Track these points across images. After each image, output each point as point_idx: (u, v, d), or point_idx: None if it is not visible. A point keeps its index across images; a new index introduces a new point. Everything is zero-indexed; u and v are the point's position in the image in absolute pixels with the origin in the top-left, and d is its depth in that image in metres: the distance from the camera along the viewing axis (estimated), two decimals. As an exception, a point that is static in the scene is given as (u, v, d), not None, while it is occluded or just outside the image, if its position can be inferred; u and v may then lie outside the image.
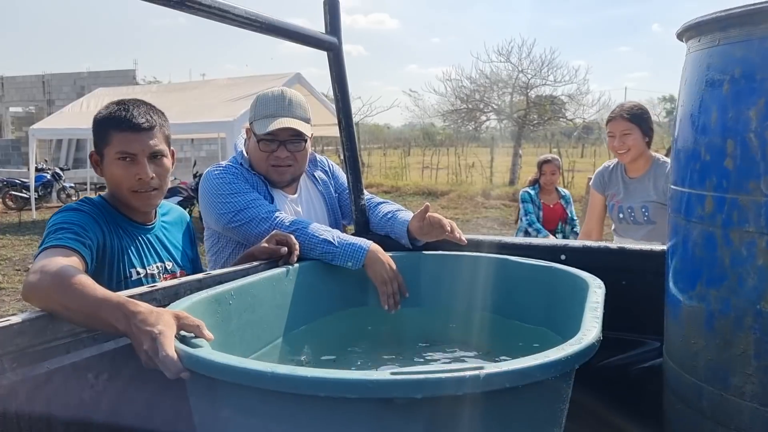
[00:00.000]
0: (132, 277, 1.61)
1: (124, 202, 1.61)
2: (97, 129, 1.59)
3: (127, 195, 1.57)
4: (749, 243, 0.99)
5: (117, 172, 1.55)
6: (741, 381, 1.03)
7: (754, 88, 0.99)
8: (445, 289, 1.83)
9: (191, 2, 1.39)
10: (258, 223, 1.81)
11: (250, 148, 2.00)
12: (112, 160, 1.55)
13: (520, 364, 0.90)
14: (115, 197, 1.62)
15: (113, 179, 1.57)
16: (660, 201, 2.81)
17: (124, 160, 1.55)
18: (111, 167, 1.56)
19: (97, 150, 1.60)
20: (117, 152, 1.54)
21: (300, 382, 0.86)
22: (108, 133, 1.55)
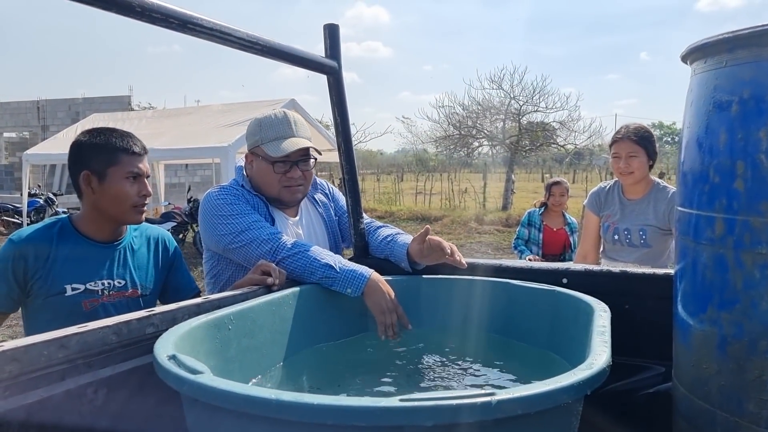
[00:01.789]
0: (66, 293, 1.73)
1: (118, 215, 1.76)
2: (99, 150, 1.73)
3: (127, 210, 1.75)
4: (762, 265, 0.98)
5: (125, 189, 1.73)
6: (756, 407, 1.00)
7: (763, 109, 0.98)
8: (447, 313, 1.81)
9: (193, 25, 1.39)
10: (259, 245, 1.78)
11: (255, 171, 1.98)
12: (120, 178, 1.73)
13: (533, 390, 0.88)
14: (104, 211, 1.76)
15: (119, 196, 1.73)
16: (659, 226, 2.79)
17: (132, 179, 1.74)
18: (117, 185, 1.73)
19: (94, 170, 1.73)
20: (127, 171, 1.73)
21: (306, 409, 0.83)
22: (116, 155, 1.73)
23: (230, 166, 9.81)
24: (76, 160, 1.75)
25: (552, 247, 4.74)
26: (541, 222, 4.76)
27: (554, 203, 4.73)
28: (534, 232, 4.76)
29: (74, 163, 1.75)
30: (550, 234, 4.74)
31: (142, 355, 1.28)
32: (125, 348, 1.28)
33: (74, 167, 1.75)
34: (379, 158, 45.33)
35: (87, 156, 1.74)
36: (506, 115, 20.93)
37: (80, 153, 1.75)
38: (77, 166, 1.75)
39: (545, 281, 1.71)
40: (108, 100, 19.61)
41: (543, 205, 4.83)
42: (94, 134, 1.76)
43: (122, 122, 12.22)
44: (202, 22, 1.41)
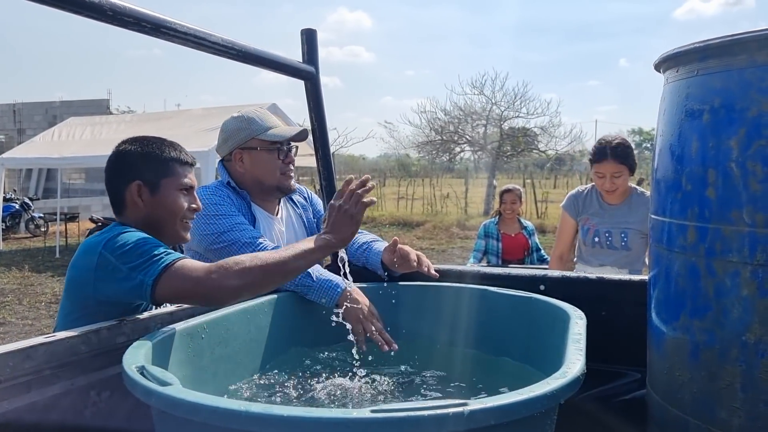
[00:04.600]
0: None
1: (169, 231, 1.63)
2: (152, 160, 1.61)
3: (177, 223, 1.64)
4: (733, 273, 0.98)
5: (179, 201, 1.63)
6: (728, 414, 1.00)
7: (734, 118, 0.99)
8: (425, 320, 1.80)
9: (166, 29, 1.37)
10: (240, 248, 1.79)
11: (251, 164, 1.99)
12: (173, 190, 1.62)
13: (505, 399, 0.87)
14: (153, 225, 1.61)
15: (172, 208, 1.62)
16: (640, 229, 2.82)
17: (185, 191, 1.65)
18: (170, 197, 1.62)
19: (147, 181, 1.59)
20: (181, 183, 1.63)
21: (276, 421, 0.82)
22: (171, 166, 1.63)
23: (211, 170, 9.74)
24: (122, 169, 1.60)
25: (513, 252, 4.81)
26: (498, 231, 4.82)
27: (506, 210, 4.83)
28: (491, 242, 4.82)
29: (120, 172, 1.61)
30: (509, 240, 4.81)
31: (114, 365, 1.26)
32: (95, 358, 1.26)
33: (120, 177, 1.60)
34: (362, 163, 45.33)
35: (137, 166, 1.59)
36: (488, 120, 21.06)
37: (129, 162, 1.60)
38: (124, 176, 1.59)
39: (523, 288, 1.71)
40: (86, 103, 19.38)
41: (498, 214, 4.91)
42: (143, 143, 1.63)
43: (100, 126, 12.09)
44: (176, 26, 1.39)
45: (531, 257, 4.82)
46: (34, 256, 11.03)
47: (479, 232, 4.92)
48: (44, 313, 6.84)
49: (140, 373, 1.01)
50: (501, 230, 4.82)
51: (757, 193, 0.95)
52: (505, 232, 4.81)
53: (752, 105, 0.96)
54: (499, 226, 4.84)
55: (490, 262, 4.75)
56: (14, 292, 7.90)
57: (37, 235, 13.36)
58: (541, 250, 4.87)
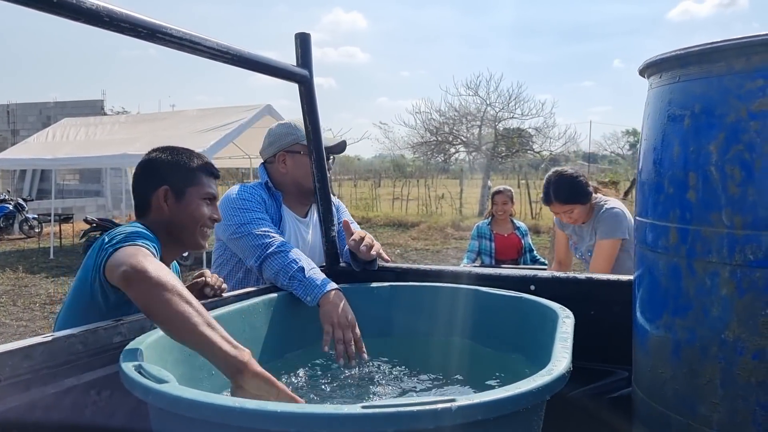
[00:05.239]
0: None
1: (188, 237, 1.69)
2: (180, 168, 1.69)
3: (197, 231, 1.69)
4: (713, 273, 1.02)
5: (201, 210, 1.68)
6: (708, 410, 1.04)
7: (713, 123, 1.02)
8: (417, 320, 1.83)
9: (162, 34, 1.39)
10: (251, 239, 1.95)
11: (293, 166, 2.18)
12: (197, 199, 1.68)
13: (492, 396, 0.90)
14: (174, 230, 1.66)
15: (194, 215, 1.67)
16: None
17: (208, 200, 1.71)
18: (193, 205, 1.68)
19: (174, 187, 1.67)
20: (206, 193, 1.70)
21: (269, 417, 0.84)
22: (198, 176, 1.70)
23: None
24: (151, 174, 1.69)
25: (506, 252, 4.84)
26: (491, 231, 4.86)
27: (498, 211, 4.88)
28: (485, 242, 4.85)
29: (149, 177, 1.69)
30: (502, 240, 4.85)
31: (110, 364, 1.28)
32: (93, 357, 1.28)
33: (149, 182, 1.68)
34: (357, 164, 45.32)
35: (166, 172, 1.68)
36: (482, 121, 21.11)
37: (158, 168, 1.69)
38: (153, 181, 1.67)
39: (514, 288, 1.73)
40: (80, 104, 19.32)
41: (491, 215, 4.95)
42: (174, 152, 1.72)
43: (94, 127, 12.07)
44: (171, 31, 1.41)
45: (524, 257, 4.85)
46: (28, 257, 11.01)
47: (472, 233, 4.95)
48: (38, 314, 6.84)
49: (138, 371, 1.03)
50: (494, 231, 4.85)
51: (735, 196, 0.99)
52: (498, 233, 4.84)
53: (731, 111, 0.99)
54: (491, 226, 4.87)
55: (484, 263, 4.78)
56: (8, 294, 7.89)
57: (31, 236, 13.34)
58: (534, 251, 4.91)
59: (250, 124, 10.44)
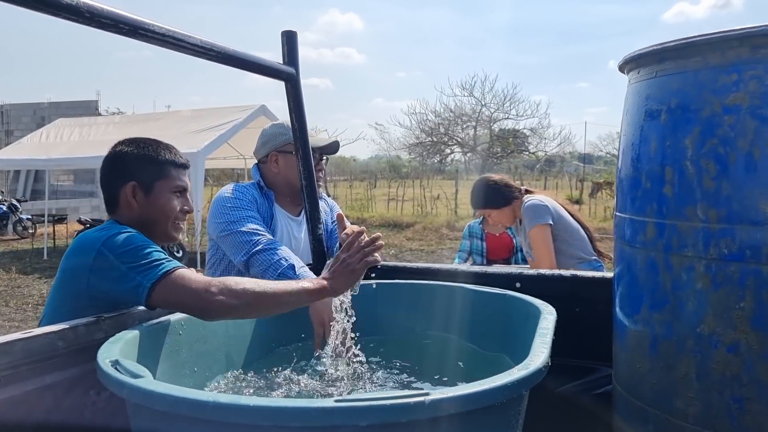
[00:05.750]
0: None
1: (160, 231, 1.66)
2: (148, 162, 1.65)
3: (169, 225, 1.66)
4: (688, 267, 1.02)
5: (171, 203, 1.65)
6: (684, 404, 1.04)
7: (689, 118, 1.03)
8: (402, 317, 1.83)
9: (144, 31, 1.39)
10: (239, 236, 1.96)
11: (284, 166, 2.19)
12: (167, 192, 1.65)
13: (466, 389, 0.91)
14: (145, 225, 1.62)
15: (164, 209, 1.65)
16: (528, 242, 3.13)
17: (178, 193, 1.68)
18: (163, 199, 1.64)
19: (141, 182, 1.63)
20: (175, 186, 1.67)
21: (242, 411, 0.84)
22: (166, 168, 1.66)
23: (199, 172, 9.73)
24: (118, 170, 1.64)
25: (498, 252, 4.84)
26: (482, 231, 4.85)
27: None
28: (476, 242, 4.85)
29: (116, 173, 1.64)
30: (494, 240, 4.84)
31: (92, 361, 1.27)
32: (73, 354, 1.27)
33: (115, 177, 1.63)
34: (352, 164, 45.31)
35: (133, 167, 1.63)
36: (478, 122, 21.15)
37: (125, 163, 1.63)
38: (120, 177, 1.63)
39: (500, 286, 1.74)
40: (75, 104, 19.26)
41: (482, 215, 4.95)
42: (140, 145, 1.66)
43: (89, 127, 12.04)
44: (154, 27, 1.40)
45: (516, 257, 4.85)
46: (21, 257, 10.97)
47: (464, 233, 4.94)
48: (31, 315, 6.82)
49: (114, 366, 1.03)
50: (485, 230, 4.85)
51: (710, 190, 0.99)
52: (490, 232, 4.84)
53: (705, 105, 1.00)
54: (483, 226, 4.87)
55: (476, 262, 4.78)
56: (1, 295, 7.86)
57: (24, 236, 13.29)
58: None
59: (245, 125, 10.43)
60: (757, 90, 0.94)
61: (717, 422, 1.00)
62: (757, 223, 0.94)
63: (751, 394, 0.96)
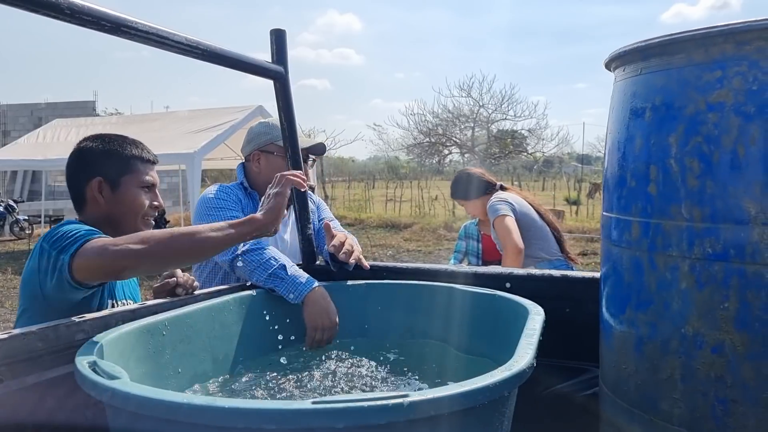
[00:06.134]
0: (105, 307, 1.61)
1: (129, 227, 1.62)
2: (113, 157, 1.62)
3: (138, 221, 1.64)
4: (673, 267, 1.01)
5: (140, 198, 1.63)
6: (669, 405, 1.03)
7: (673, 115, 1.01)
8: (392, 317, 1.82)
9: (127, 28, 1.37)
10: None
11: (266, 166, 2.16)
12: (134, 188, 1.62)
13: (446, 391, 0.89)
14: (113, 222, 1.61)
15: (133, 205, 1.62)
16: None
17: (146, 188, 1.64)
18: (131, 194, 1.62)
19: (107, 178, 1.60)
20: (142, 181, 1.64)
21: (217, 412, 0.83)
22: (132, 163, 1.63)
23: (196, 172, 9.72)
24: (83, 166, 1.62)
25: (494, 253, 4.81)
26: (478, 232, 4.84)
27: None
28: (472, 243, 4.83)
29: (81, 169, 1.62)
30: (489, 241, 4.81)
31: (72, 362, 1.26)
32: (53, 355, 1.26)
33: (81, 174, 1.61)
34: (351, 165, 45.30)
35: (98, 162, 1.61)
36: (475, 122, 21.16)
37: (90, 159, 1.62)
38: (85, 173, 1.61)
39: (490, 286, 1.72)
40: (72, 105, 19.22)
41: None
42: (105, 140, 1.64)
43: (86, 128, 12.00)
44: (137, 25, 1.39)
45: None
46: (17, 258, 10.94)
47: (459, 233, 4.92)
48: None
49: (91, 368, 1.01)
50: (481, 231, 4.83)
51: (694, 189, 0.98)
52: (486, 233, 4.82)
53: (690, 103, 0.99)
54: (479, 227, 4.85)
55: (471, 263, 4.76)
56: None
57: (21, 237, 13.26)
58: None
59: (242, 125, 10.42)
60: (742, 87, 0.93)
61: (701, 423, 0.99)
62: (741, 221, 0.93)
63: (736, 395, 0.95)
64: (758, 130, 0.92)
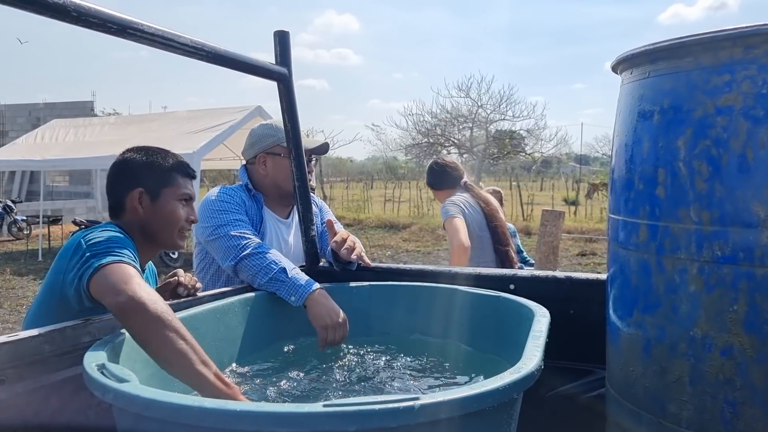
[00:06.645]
0: None
1: (164, 238, 1.65)
2: (155, 169, 1.65)
3: (174, 233, 1.65)
4: (681, 270, 1.01)
5: (177, 212, 1.65)
6: (677, 408, 1.03)
7: (681, 118, 1.02)
8: (396, 319, 1.82)
9: (133, 30, 1.37)
10: (227, 240, 1.92)
11: (273, 168, 2.15)
12: (173, 200, 1.65)
13: (457, 394, 0.89)
14: (149, 232, 1.62)
15: (171, 217, 1.64)
16: None
17: (184, 201, 1.67)
18: (170, 206, 1.64)
19: (148, 188, 1.63)
20: (182, 194, 1.66)
21: (228, 416, 0.83)
22: (173, 176, 1.66)
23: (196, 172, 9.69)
24: (126, 176, 1.65)
25: None
26: None
27: None
28: None
29: (124, 179, 1.65)
30: None
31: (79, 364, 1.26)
32: (60, 357, 1.26)
33: (123, 183, 1.64)
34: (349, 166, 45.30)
35: (141, 173, 1.64)
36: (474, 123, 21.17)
37: (132, 169, 1.65)
38: (127, 183, 1.64)
39: (493, 287, 1.73)
40: (70, 105, 19.18)
41: None
42: (148, 152, 1.69)
43: (84, 128, 12.00)
44: (143, 27, 1.39)
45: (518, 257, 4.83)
46: (16, 259, 10.93)
47: None
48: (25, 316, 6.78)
49: (100, 371, 1.01)
50: None
51: (702, 192, 0.98)
52: None
53: (698, 106, 0.99)
54: None
55: None
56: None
57: (19, 238, 13.24)
58: (523, 252, 4.89)
59: (241, 126, 10.40)
60: (750, 90, 0.93)
61: (710, 426, 0.99)
62: (749, 224, 0.93)
63: (745, 398, 0.95)
64: (767, 133, 0.92)
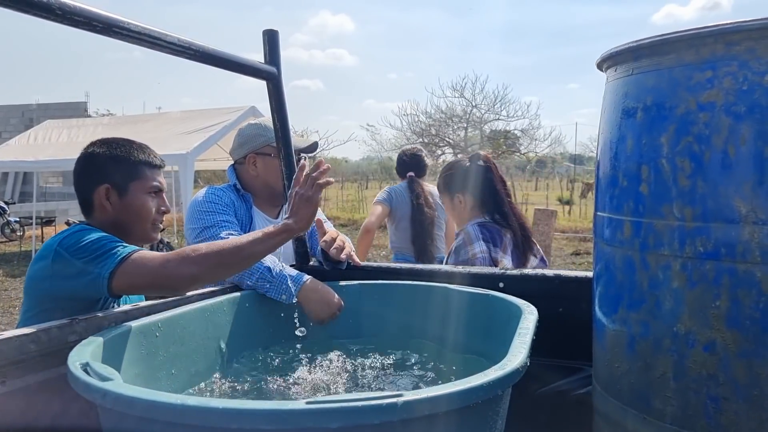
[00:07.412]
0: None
1: (138, 233, 1.63)
2: (120, 163, 1.61)
3: (147, 227, 1.64)
4: (665, 266, 1.01)
5: (147, 204, 1.62)
6: (662, 403, 1.03)
7: (664, 115, 1.02)
8: (386, 318, 1.82)
9: (119, 29, 1.37)
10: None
11: (263, 168, 2.14)
12: (142, 193, 1.62)
13: (440, 390, 0.89)
14: (122, 227, 1.60)
15: (141, 211, 1.62)
16: None
17: (154, 194, 1.64)
18: (139, 201, 1.62)
19: (114, 184, 1.60)
20: (150, 186, 1.63)
21: (211, 413, 0.83)
22: (140, 169, 1.63)
23: (189, 174, 9.68)
24: (91, 172, 1.61)
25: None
26: None
27: None
28: None
29: (89, 175, 1.61)
30: None
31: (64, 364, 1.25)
32: (45, 357, 1.25)
33: (88, 180, 1.61)
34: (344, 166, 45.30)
35: (106, 168, 1.59)
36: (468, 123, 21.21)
37: (97, 165, 1.60)
38: (93, 179, 1.60)
39: (484, 285, 1.73)
40: (63, 106, 19.11)
41: None
42: (112, 145, 1.63)
43: (77, 129, 11.96)
44: (129, 26, 1.38)
45: None
46: (9, 260, 10.88)
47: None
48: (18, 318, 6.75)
49: (83, 369, 1.01)
50: None
51: (685, 188, 0.98)
52: None
53: (680, 103, 0.99)
54: None
55: None
56: (-12, 297, 7.79)
57: (12, 239, 13.18)
58: None
59: (235, 126, 10.37)
60: (732, 87, 0.94)
61: (694, 421, 1.00)
62: (731, 220, 0.93)
63: (727, 393, 0.95)
64: (748, 129, 0.92)
